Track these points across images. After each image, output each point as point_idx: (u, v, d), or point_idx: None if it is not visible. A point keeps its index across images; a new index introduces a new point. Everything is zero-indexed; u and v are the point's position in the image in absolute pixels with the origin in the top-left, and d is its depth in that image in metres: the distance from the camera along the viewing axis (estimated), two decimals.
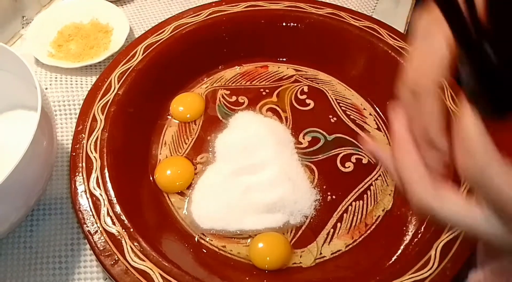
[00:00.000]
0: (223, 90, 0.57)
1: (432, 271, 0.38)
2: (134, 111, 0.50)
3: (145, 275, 0.38)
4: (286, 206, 0.47)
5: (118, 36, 0.61)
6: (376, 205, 0.48)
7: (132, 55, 0.53)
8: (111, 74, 0.51)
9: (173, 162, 0.50)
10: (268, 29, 0.58)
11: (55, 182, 0.49)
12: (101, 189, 0.43)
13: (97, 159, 0.44)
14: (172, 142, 0.53)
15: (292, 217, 0.47)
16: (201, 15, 0.57)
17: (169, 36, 0.55)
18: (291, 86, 0.58)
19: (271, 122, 0.54)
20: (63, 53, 0.60)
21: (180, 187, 0.48)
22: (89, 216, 0.41)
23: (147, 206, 0.46)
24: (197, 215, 0.46)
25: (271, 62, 0.60)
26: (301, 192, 0.48)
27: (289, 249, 0.44)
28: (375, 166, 0.51)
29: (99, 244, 0.39)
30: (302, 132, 0.53)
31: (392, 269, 0.39)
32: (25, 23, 0.65)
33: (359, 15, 0.58)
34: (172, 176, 0.48)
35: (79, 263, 0.45)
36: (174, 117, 0.55)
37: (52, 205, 0.48)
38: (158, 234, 0.44)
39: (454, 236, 0.40)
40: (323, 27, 0.57)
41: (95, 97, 0.49)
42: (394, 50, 0.54)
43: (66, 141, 0.52)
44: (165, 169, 0.49)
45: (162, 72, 0.54)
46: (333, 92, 0.58)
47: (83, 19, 0.64)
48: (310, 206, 0.47)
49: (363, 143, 0.32)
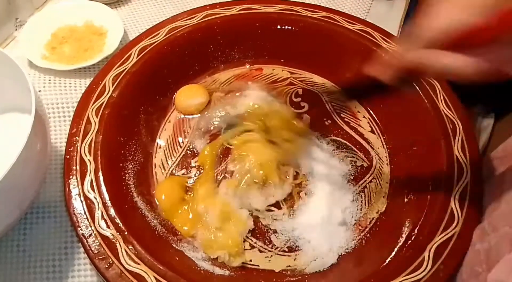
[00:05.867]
0: (218, 92, 0.57)
1: (425, 273, 0.39)
2: (129, 113, 0.50)
3: (139, 278, 0.38)
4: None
5: (112, 39, 0.61)
6: (370, 207, 0.49)
7: (127, 57, 0.53)
8: (105, 76, 0.51)
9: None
10: (263, 32, 0.59)
11: (49, 184, 0.49)
12: (95, 191, 0.42)
13: (91, 162, 0.44)
14: (167, 145, 0.53)
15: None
16: (195, 18, 0.57)
17: (163, 38, 0.55)
18: (285, 89, 0.58)
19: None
20: (57, 56, 0.60)
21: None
22: (83, 219, 0.41)
23: (142, 208, 0.46)
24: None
25: (265, 65, 0.61)
26: None
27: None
28: (369, 168, 0.52)
29: (93, 247, 0.39)
30: None
31: (386, 271, 0.40)
32: (18, 25, 0.64)
33: (353, 19, 0.58)
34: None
35: (73, 266, 0.44)
36: (179, 109, 0.55)
37: (46, 208, 0.47)
38: (153, 237, 0.44)
39: (447, 238, 0.41)
40: (317, 30, 0.58)
41: (89, 100, 0.49)
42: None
43: (60, 143, 0.52)
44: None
45: (157, 74, 0.54)
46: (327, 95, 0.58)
47: (77, 21, 0.64)
48: None
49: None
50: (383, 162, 0.52)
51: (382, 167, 0.52)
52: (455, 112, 0.50)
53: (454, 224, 0.42)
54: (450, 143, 0.47)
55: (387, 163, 0.52)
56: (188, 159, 0.52)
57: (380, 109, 0.56)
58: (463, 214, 0.42)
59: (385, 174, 0.51)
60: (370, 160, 0.52)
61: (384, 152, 0.53)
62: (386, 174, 0.51)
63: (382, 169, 0.52)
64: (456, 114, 0.49)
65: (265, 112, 0.52)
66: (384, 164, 0.52)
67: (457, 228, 0.41)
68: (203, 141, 0.53)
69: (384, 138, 0.54)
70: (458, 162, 0.46)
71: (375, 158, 0.53)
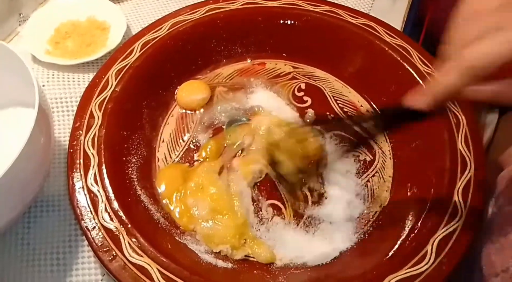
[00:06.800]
0: (220, 87, 0.57)
1: (428, 266, 0.39)
2: (131, 107, 0.50)
3: (143, 270, 0.38)
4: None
5: (115, 34, 0.61)
6: (373, 201, 0.48)
7: (130, 52, 0.53)
8: (108, 71, 0.51)
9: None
10: (266, 26, 0.59)
11: (52, 178, 0.49)
12: (98, 185, 0.43)
13: (95, 155, 0.44)
14: (170, 139, 0.53)
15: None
16: (198, 13, 0.57)
17: (166, 33, 0.55)
18: (288, 83, 0.58)
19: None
20: (60, 51, 0.60)
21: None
22: (86, 212, 0.41)
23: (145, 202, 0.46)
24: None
25: (268, 59, 0.60)
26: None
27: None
28: (372, 162, 0.52)
29: (97, 240, 0.39)
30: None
31: (389, 264, 0.40)
32: (22, 21, 0.65)
33: (356, 13, 0.58)
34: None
35: (77, 259, 0.45)
36: (180, 105, 0.55)
37: (49, 201, 0.48)
38: (156, 230, 0.44)
39: (451, 232, 0.41)
40: (320, 24, 0.58)
41: (92, 94, 0.49)
42: (391, 47, 0.55)
43: (64, 137, 0.52)
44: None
45: (159, 69, 0.54)
46: (330, 89, 0.58)
47: (80, 16, 0.64)
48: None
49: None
50: (386, 156, 0.52)
51: (385, 161, 0.52)
52: (458, 107, 0.49)
53: (457, 218, 0.42)
54: (453, 136, 0.47)
55: (390, 157, 0.52)
56: (191, 153, 0.52)
57: (383, 104, 0.56)
58: (467, 208, 0.42)
59: (388, 167, 0.51)
60: (373, 154, 0.52)
61: (387, 146, 0.53)
62: (389, 167, 0.51)
63: (385, 163, 0.52)
64: (460, 108, 0.49)
65: (275, 143, 0.48)
66: (387, 157, 0.52)
67: (460, 221, 0.41)
68: (206, 135, 0.53)
69: (387, 132, 0.54)
70: (462, 155, 0.46)
71: (378, 152, 0.52)
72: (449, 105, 0.49)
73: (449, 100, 0.33)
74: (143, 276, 0.38)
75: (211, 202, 0.46)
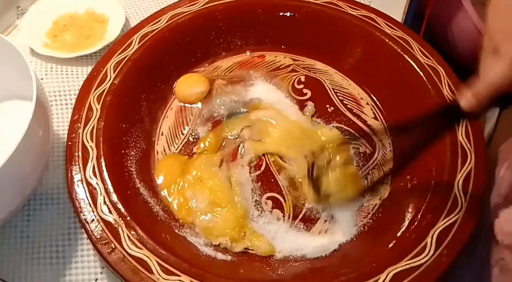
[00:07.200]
0: (219, 80, 0.57)
1: (428, 257, 0.39)
2: (130, 100, 0.50)
3: (142, 263, 0.38)
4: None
5: (113, 26, 0.61)
6: (373, 193, 0.48)
7: (128, 44, 0.52)
8: (106, 63, 0.50)
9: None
10: (265, 18, 0.58)
11: (51, 171, 0.49)
12: (97, 178, 0.42)
13: (93, 148, 0.44)
14: (169, 132, 0.52)
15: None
16: (197, 4, 0.57)
17: (165, 25, 0.54)
18: (288, 75, 0.58)
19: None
20: (59, 43, 0.60)
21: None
22: (85, 205, 0.41)
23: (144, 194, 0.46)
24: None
25: (267, 52, 0.60)
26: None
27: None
28: (372, 155, 0.51)
29: (96, 232, 0.39)
30: None
31: (389, 256, 0.40)
32: (20, 14, 0.64)
33: (356, 4, 0.58)
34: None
35: (76, 252, 0.45)
36: (179, 98, 0.55)
37: (48, 194, 0.48)
38: (155, 222, 0.44)
39: (450, 224, 0.41)
40: (320, 16, 0.57)
41: (90, 87, 0.49)
42: (391, 39, 0.54)
43: (62, 130, 0.52)
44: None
45: (158, 61, 0.54)
46: (330, 82, 0.57)
47: (78, 9, 0.64)
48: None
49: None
50: (386, 148, 0.52)
51: (385, 153, 0.52)
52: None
53: (457, 210, 0.41)
54: (454, 128, 0.47)
55: (390, 149, 0.52)
56: (190, 146, 0.51)
57: (383, 96, 0.56)
58: (467, 200, 0.42)
59: (388, 160, 0.51)
60: (373, 147, 0.52)
61: (387, 138, 0.53)
62: (389, 160, 0.51)
63: (385, 155, 0.51)
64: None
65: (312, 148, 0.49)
66: (387, 150, 0.52)
67: (460, 213, 0.41)
68: (205, 127, 0.53)
69: (387, 124, 0.54)
70: (462, 147, 0.46)
71: (378, 145, 0.52)
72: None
73: (495, 98, 0.32)
74: (142, 269, 0.38)
75: (210, 194, 0.46)
